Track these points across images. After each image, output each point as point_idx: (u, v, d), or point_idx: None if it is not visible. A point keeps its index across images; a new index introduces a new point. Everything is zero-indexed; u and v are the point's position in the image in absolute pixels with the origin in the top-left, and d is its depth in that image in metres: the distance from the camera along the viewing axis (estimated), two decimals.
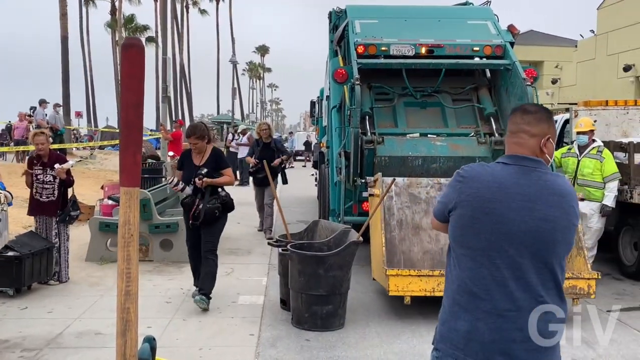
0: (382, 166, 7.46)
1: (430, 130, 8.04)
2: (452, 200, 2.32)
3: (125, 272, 1.27)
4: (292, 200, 15.01)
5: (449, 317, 2.29)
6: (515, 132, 2.35)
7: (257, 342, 5.25)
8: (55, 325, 5.51)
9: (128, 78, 1.33)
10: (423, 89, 8.37)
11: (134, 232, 1.26)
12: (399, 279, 5.77)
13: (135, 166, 1.32)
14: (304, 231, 6.79)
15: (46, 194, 6.87)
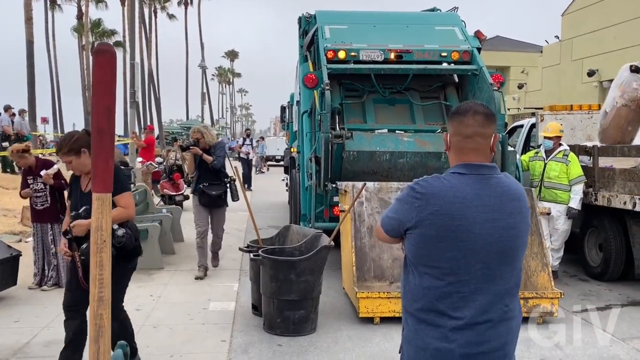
0: (350, 161, 7.54)
1: (398, 127, 8.15)
2: (409, 219, 2.19)
3: (98, 278, 1.26)
4: (263, 205, 14.99)
5: (415, 336, 2.22)
6: (469, 136, 2.24)
7: (229, 348, 5.22)
8: (22, 335, 5.41)
9: (99, 84, 1.32)
10: (392, 87, 8.47)
11: (107, 237, 1.25)
12: (368, 301, 5.85)
13: (107, 172, 1.31)
14: (275, 236, 6.79)
15: (40, 202, 6.96)
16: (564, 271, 8.26)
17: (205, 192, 7.75)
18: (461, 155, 2.26)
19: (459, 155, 2.27)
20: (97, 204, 1.28)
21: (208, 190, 7.74)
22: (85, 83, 46.60)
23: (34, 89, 25.71)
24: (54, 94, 48.26)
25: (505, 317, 2.20)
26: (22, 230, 9.80)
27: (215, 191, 7.79)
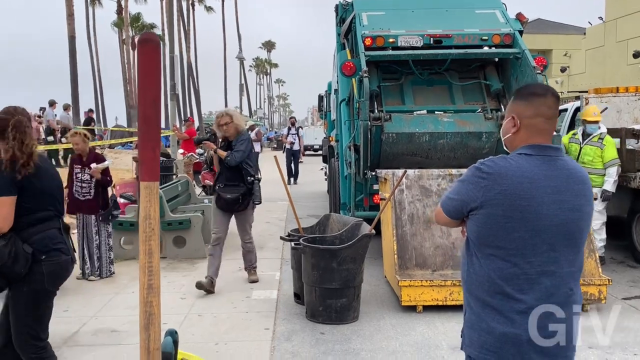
0: (389, 143, 7.55)
1: (437, 107, 8.09)
2: (474, 199, 2.19)
3: (147, 266, 1.27)
4: (302, 194, 15.04)
5: (479, 320, 2.21)
6: (550, 117, 2.23)
7: (272, 336, 5.27)
8: (71, 324, 5.56)
9: (144, 73, 1.33)
10: (430, 68, 8.38)
11: (155, 226, 1.26)
12: (411, 290, 5.82)
13: (154, 161, 1.32)
14: (315, 225, 6.79)
15: (83, 193, 7.07)
16: (612, 257, 8.06)
17: (221, 195, 6.61)
18: (532, 137, 2.23)
19: (529, 137, 2.24)
20: (145, 192, 1.29)
21: (224, 193, 6.59)
22: (126, 77, 47.38)
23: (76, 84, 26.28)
24: (96, 88, 49.23)
25: (569, 300, 2.18)
26: (68, 222, 10.05)
27: (230, 194, 6.55)
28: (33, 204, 3.35)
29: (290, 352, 4.90)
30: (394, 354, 4.82)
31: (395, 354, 4.83)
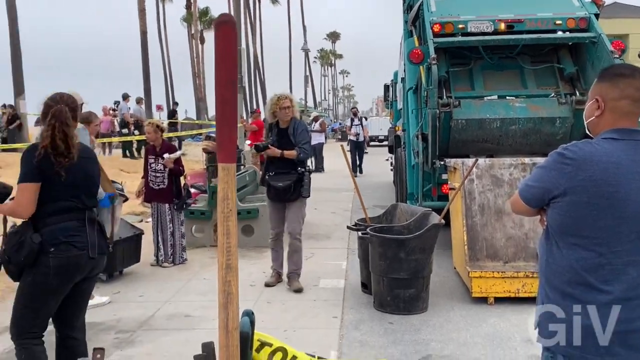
0: (458, 130, 7.41)
1: (508, 92, 7.86)
2: (557, 186, 2.09)
3: (225, 246, 1.29)
4: (367, 185, 14.98)
5: (558, 312, 2.13)
6: (620, 99, 2.11)
7: (341, 324, 5.28)
8: (146, 308, 5.74)
9: (221, 55, 1.34)
10: (501, 53, 8.16)
11: (232, 206, 1.28)
12: (482, 281, 5.70)
13: (231, 143, 1.34)
14: (382, 215, 6.76)
15: (157, 182, 7.29)
16: None
17: (271, 184, 6.20)
18: (617, 120, 2.13)
19: (614, 120, 2.13)
20: (223, 173, 1.30)
21: (274, 182, 6.16)
22: (195, 70, 48.45)
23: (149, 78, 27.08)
24: (166, 82, 50.62)
25: None
26: (142, 210, 10.39)
27: (282, 182, 6.13)
28: (54, 193, 3.30)
29: (359, 340, 4.90)
30: (465, 345, 4.73)
31: (466, 345, 4.75)
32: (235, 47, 1.38)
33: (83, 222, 3.38)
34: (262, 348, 1.50)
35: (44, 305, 3.36)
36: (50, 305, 3.39)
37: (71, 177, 3.34)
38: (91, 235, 3.39)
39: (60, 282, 3.33)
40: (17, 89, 19.48)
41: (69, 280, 3.37)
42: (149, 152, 7.44)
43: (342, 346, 4.79)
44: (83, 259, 3.34)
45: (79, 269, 3.37)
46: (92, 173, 3.58)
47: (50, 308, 3.40)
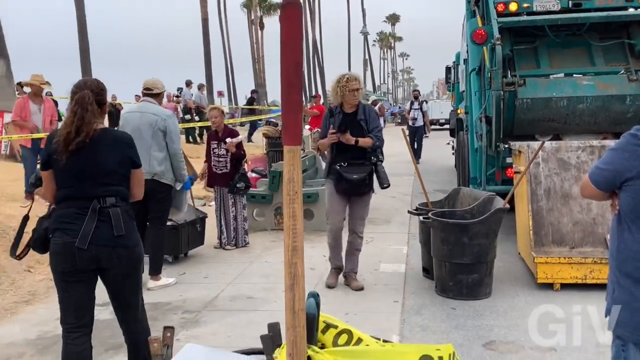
0: (523, 109, 7.24)
1: (575, 70, 7.62)
2: (630, 169, 2.03)
3: (291, 228, 1.30)
4: (428, 169, 14.80)
5: (631, 299, 2.06)
6: None
7: (402, 309, 5.26)
8: (211, 290, 5.88)
9: (287, 37, 1.34)
10: (568, 29, 7.88)
11: (298, 189, 1.29)
12: (547, 267, 5.56)
13: (296, 126, 1.34)
14: (444, 199, 6.67)
15: (220, 167, 7.45)
16: None
17: (344, 176, 5.55)
18: None
19: None
20: (288, 156, 1.32)
21: (347, 174, 5.53)
22: (254, 56, 48.90)
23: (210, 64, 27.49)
24: (227, 68, 51.30)
25: None
26: (206, 195, 10.62)
27: (357, 174, 5.53)
28: (58, 180, 3.32)
29: (420, 325, 4.88)
30: (530, 332, 4.63)
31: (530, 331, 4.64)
32: (301, 28, 1.38)
33: (84, 211, 3.25)
34: (328, 330, 1.51)
35: (60, 293, 3.38)
36: (65, 293, 3.35)
37: (74, 165, 3.28)
38: (87, 226, 3.23)
39: (60, 268, 3.31)
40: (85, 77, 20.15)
41: (68, 268, 3.28)
42: (211, 138, 7.58)
43: (404, 330, 4.77)
44: (72, 248, 3.23)
45: (70, 257, 3.26)
46: (105, 161, 3.36)
47: (67, 296, 3.35)
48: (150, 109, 5.81)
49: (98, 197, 3.28)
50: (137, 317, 3.56)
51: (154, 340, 1.50)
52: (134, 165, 3.47)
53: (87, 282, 3.35)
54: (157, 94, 5.90)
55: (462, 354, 4.25)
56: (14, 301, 5.54)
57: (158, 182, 5.75)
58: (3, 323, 5.06)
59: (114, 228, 3.27)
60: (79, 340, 3.35)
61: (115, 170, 3.37)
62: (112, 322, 5.06)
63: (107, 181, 3.33)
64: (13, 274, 6.19)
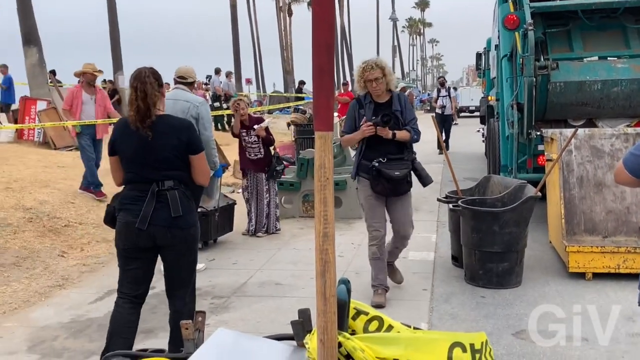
0: (556, 93, 7.15)
1: (610, 53, 7.47)
2: None
3: (322, 215, 1.29)
4: (458, 157, 14.65)
5: None
6: None
7: (431, 297, 5.23)
8: (239, 276, 5.93)
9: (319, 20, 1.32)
10: (602, 11, 7.70)
11: (330, 175, 1.27)
12: (579, 256, 5.46)
13: (328, 110, 1.32)
14: (474, 187, 6.60)
15: (254, 153, 7.51)
16: None
17: (384, 174, 4.86)
18: None
19: None
20: (320, 142, 1.30)
21: (389, 170, 4.85)
22: (282, 44, 48.84)
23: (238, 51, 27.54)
24: (255, 55, 51.33)
25: None
26: (234, 182, 10.68)
27: (399, 170, 4.89)
28: (123, 165, 3.59)
29: (450, 313, 4.85)
30: (561, 321, 4.56)
31: (562, 321, 4.58)
32: (333, 10, 1.36)
33: (144, 194, 3.47)
34: (359, 316, 1.49)
35: (120, 266, 3.66)
36: (124, 267, 3.62)
37: (135, 152, 3.50)
38: (146, 208, 3.44)
39: (121, 245, 3.58)
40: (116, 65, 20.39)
41: (128, 245, 3.54)
42: (240, 128, 7.63)
43: (433, 319, 4.75)
44: (133, 228, 3.46)
45: (130, 236, 3.51)
46: (162, 147, 3.49)
47: (127, 270, 3.61)
48: (183, 96, 5.85)
49: (157, 180, 3.48)
50: (184, 298, 3.73)
51: (186, 324, 1.51)
52: (192, 151, 3.57)
53: (144, 259, 3.60)
54: (191, 82, 5.91)
55: (492, 343, 4.16)
56: (48, 285, 5.66)
57: None
58: (37, 307, 5.18)
59: (172, 210, 3.45)
60: (129, 309, 3.63)
61: (171, 156, 3.51)
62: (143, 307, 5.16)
63: (164, 166, 3.50)
64: (47, 259, 6.32)
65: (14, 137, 13.91)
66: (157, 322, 4.75)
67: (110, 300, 5.31)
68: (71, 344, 4.37)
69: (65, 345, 4.35)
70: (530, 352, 4.05)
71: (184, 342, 1.54)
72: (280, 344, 1.41)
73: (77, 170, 10.70)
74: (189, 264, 3.71)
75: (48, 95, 15.07)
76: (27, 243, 6.53)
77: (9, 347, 4.33)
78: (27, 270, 5.97)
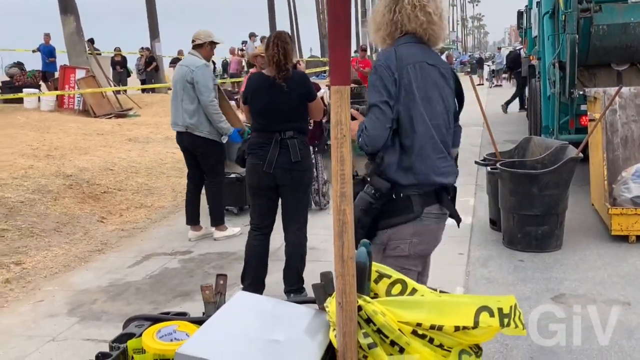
0: (599, 36, 6.92)
1: None
2: None
3: (339, 174, 1.23)
4: (497, 119, 14.33)
5: None
6: None
7: (467, 261, 5.15)
8: (274, 240, 5.86)
9: None
10: None
11: (346, 132, 1.20)
12: (622, 218, 5.28)
13: (345, 63, 1.24)
14: (514, 149, 6.41)
15: None
16: None
17: None
18: None
19: None
20: (336, 97, 1.23)
21: None
22: (319, 7, 48.19)
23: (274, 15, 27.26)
24: (291, 20, 50.84)
25: None
26: None
27: None
28: (252, 116, 4.28)
29: (486, 277, 4.76)
30: (602, 285, 4.45)
31: (602, 284, 4.46)
32: None
33: (269, 141, 4.11)
34: (381, 279, 1.44)
35: (251, 201, 4.54)
36: (254, 202, 4.40)
37: (262, 105, 4.16)
38: (272, 154, 4.09)
39: (250, 182, 4.31)
40: (153, 33, 20.45)
41: (254, 182, 4.25)
42: None
43: (469, 282, 4.68)
44: (260, 169, 4.12)
45: (257, 176, 4.18)
46: (285, 101, 4.10)
47: (255, 204, 4.39)
48: (186, 61, 5.76)
49: (279, 130, 4.12)
50: (296, 232, 4.32)
51: (206, 287, 1.49)
52: (309, 99, 4.23)
53: (268, 196, 4.27)
54: (200, 44, 5.75)
55: (530, 307, 4.13)
56: (88, 250, 5.77)
57: (194, 135, 5.68)
58: (77, 271, 5.29)
59: (292, 155, 4.09)
60: (258, 237, 4.36)
61: (292, 108, 4.14)
62: (180, 271, 5.22)
63: (285, 117, 4.13)
64: (87, 224, 6.44)
65: (55, 106, 14.17)
66: (193, 286, 4.80)
67: (147, 264, 5.41)
68: (109, 307, 4.45)
69: (103, 309, 4.43)
70: (568, 317, 3.94)
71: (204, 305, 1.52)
72: (302, 307, 1.37)
73: (116, 137, 10.87)
74: (300, 202, 4.32)
75: (86, 64, 15.25)
76: (67, 209, 6.66)
77: (50, 310, 4.44)
78: (68, 235, 6.09)
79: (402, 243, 2.45)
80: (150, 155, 9.45)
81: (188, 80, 5.54)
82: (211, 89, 5.57)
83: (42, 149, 8.94)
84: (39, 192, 6.88)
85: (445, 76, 2.51)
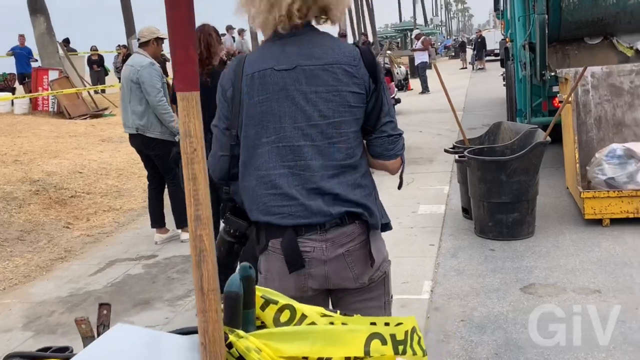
0: (570, 11, 6.80)
1: None
2: None
3: (192, 194, 1.06)
4: (479, 103, 14.19)
5: None
6: None
7: (437, 252, 5.02)
8: None
9: None
10: None
11: (198, 146, 1.03)
12: (595, 202, 5.15)
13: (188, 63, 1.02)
14: (484, 135, 6.28)
15: None
16: None
17: None
18: None
19: None
20: (182, 104, 1.05)
21: None
22: None
23: None
24: None
25: None
26: None
27: None
28: None
29: (455, 269, 4.63)
30: (572, 272, 4.33)
31: (573, 272, 4.34)
32: None
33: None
34: (268, 306, 1.28)
35: None
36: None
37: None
38: None
39: None
40: (129, 29, 20.14)
41: None
42: None
43: (437, 275, 4.55)
44: None
45: None
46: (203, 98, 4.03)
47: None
48: (131, 61, 5.55)
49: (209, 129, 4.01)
50: None
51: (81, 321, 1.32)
52: None
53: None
54: (145, 42, 5.54)
55: (498, 299, 4.02)
56: (50, 258, 5.60)
57: (145, 136, 5.44)
58: (37, 281, 5.12)
59: None
60: None
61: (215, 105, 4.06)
62: (143, 277, 5.07)
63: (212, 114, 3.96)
64: (52, 231, 6.26)
65: (29, 109, 13.92)
66: (155, 293, 4.65)
67: (110, 271, 5.25)
68: (66, 319, 4.29)
69: (60, 321, 4.27)
70: (537, 309, 3.82)
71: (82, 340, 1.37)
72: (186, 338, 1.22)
73: (89, 139, 10.66)
74: None
75: (59, 65, 14.97)
76: (32, 216, 6.48)
77: (5, 324, 4.28)
78: (31, 244, 5.92)
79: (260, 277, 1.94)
80: (122, 155, 9.25)
81: (134, 81, 5.33)
82: (158, 89, 5.34)
83: (10, 154, 8.72)
84: (3, 200, 6.70)
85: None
